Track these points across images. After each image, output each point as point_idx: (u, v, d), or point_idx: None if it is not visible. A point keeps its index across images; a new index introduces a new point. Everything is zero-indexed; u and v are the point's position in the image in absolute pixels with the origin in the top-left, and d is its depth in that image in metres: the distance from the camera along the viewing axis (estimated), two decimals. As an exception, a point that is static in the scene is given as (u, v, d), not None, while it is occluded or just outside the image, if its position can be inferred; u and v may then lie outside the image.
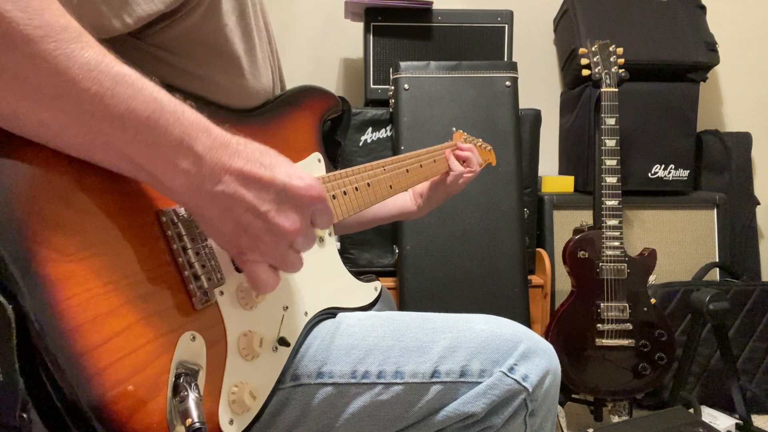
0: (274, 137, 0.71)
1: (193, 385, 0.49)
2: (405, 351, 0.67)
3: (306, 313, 0.68)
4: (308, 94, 0.79)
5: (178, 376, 0.49)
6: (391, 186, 0.90)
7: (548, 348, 0.70)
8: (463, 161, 1.05)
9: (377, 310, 0.90)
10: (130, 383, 0.45)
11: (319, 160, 0.79)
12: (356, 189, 0.81)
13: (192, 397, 0.47)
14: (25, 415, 0.40)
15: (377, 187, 0.86)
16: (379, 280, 0.85)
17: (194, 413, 0.46)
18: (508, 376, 0.65)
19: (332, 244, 0.77)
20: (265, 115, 0.71)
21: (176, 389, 0.48)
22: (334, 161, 0.86)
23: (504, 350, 0.67)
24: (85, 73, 0.42)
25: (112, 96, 0.43)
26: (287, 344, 0.63)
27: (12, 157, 0.42)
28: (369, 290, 0.81)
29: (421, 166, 0.98)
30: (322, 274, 0.73)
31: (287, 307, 0.65)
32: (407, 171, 0.94)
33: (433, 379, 0.66)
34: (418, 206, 1.06)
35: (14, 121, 0.42)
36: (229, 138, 0.49)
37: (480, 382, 0.65)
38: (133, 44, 0.60)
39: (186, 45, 0.62)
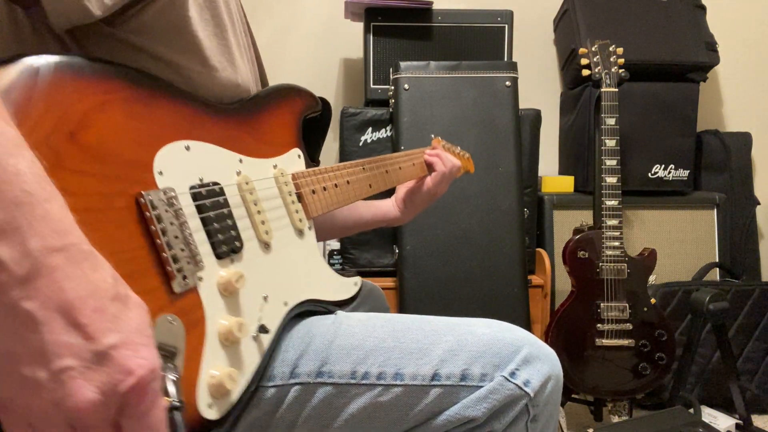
0: (252, 132, 0.71)
1: (170, 365, 0.49)
2: (406, 353, 0.67)
3: (286, 303, 0.68)
4: (288, 91, 0.80)
5: None
6: (370, 185, 0.91)
7: (550, 353, 0.69)
8: (429, 164, 1.08)
9: (365, 309, 0.90)
10: None
11: (299, 156, 0.79)
12: (336, 186, 0.82)
13: (171, 378, 0.47)
14: None
15: (357, 185, 0.87)
16: (359, 275, 0.85)
17: (173, 392, 0.46)
18: (510, 381, 0.64)
19: (312, 237, 0.77)
20: (244, 109, 0.71)
21: None
22: (314, 161, 0.86)
23: (505, 354, 0.66)
24: None
25: None
26: (267, 331, 0.63)
27: None
28: (349, 285, 0.81)
29: (400, 168, 1.00)
30: (302, 267, 0.73)
31: (267, 297, 0.65)
32: (386, 172, 0.96)
33: (434, 382, 0.65)
34: (401, 211, 1.08)
35: None
36: (88, 254, 0.38)
37: (481, 387, 0.65)
38: (109, 35, 0.61)
39: (159, 29, 0.62)
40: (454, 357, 0.66)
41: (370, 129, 1.85)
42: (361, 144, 1.85)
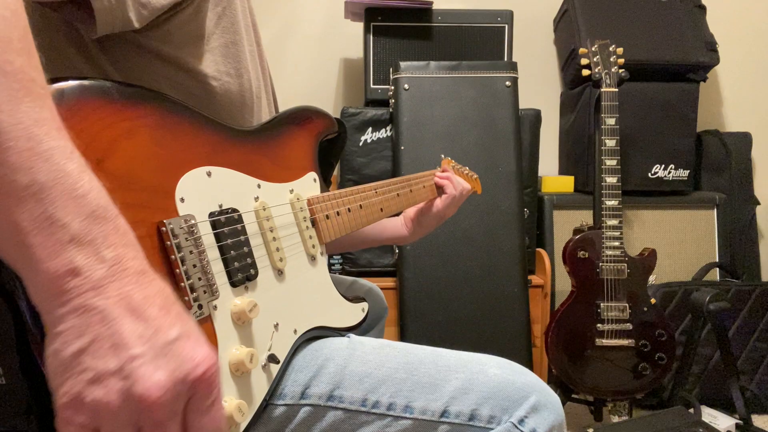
0: (271, 156, 0.72)
1: None
2: (417, 386, 0.67)
3: (295, 331, 0.69)
4: (306, 114, 0.80)
5: None
6: (381, 209, 0.92)
7: (556, 401, 0.70)
8: (439, 187, 1.09)
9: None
10: None
11: (315, 180, 0.79)
12: (349, 210, 0.83)
13: None
14: (31, 416, 0.40)
15: (369, 209, 0.88)
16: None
17: None
18: (518, 428, 0.65)
19: (323, 262, 0.77)
20: (263, 134, 0.72)
21: None
22: (326, 182, 0.87)
23: (515, 399, 0.66)
24: (26, 126, 0.37)
25: (46, 160, 0.38)
26: (277, 361, 0.63)
27: None
28: (356, 311, 0.81)
29: (411, 191, 1.01)
30: (313, 293, 0.74)
31: (278, 324, 0.65)
32: (398, 195, 0.97)
33: (442, 419, 0.65)
34: (410, 231, 1.09)
35: None
36: (148, 269, 0.41)
37: (489, 429, 0.65)
38: (131, 40, 0.61)
39: (181, 36, 0.63)
40: (464, 395, 0.66)
41: (370, 129, 1.85)
42: (361, 144, 1.85)
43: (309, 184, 0.78)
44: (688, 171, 1.98)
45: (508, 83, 1.79)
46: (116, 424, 0.37)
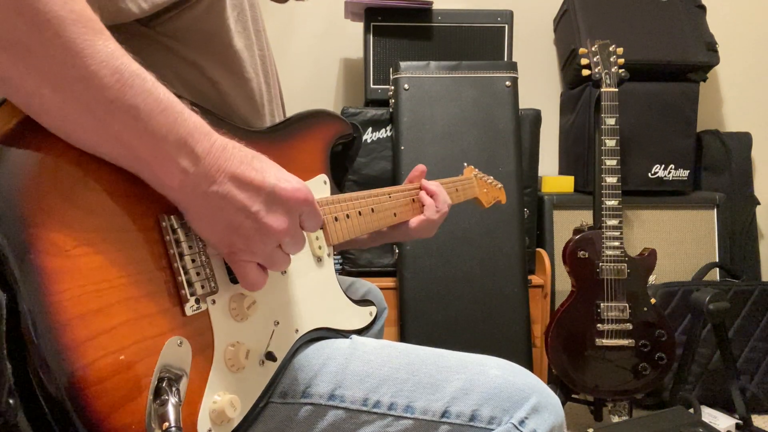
0: (282, 156, 0.71)
1: (174, 389, 0.49)
2: (418, 386, 0.67)
3: (297, 331, 0.68)
4: (320, 117, 0.80)
5: (161, 380, 0.49)
6: (395, 214, 0.91)
7: (556, 402, 0.70)
8: (431, 195, 1.00)
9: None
10: (113, 381, 0.45)
11: (325, 182, 0.79)
12: (359, 214, 0.82)
13: (172, 402, 0.47)
14: (11, 401, 0.40)
15: (381, 213, 0.87)
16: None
17: (171, 417, 0.46)
18: (518, 429, 0.65)
19: (330, 266, 0.77)
20: (274, 135, 0.72)
21: (157, 392, 0.48)
22: (340, 186, 0.86)
23: (516, 400, 0.66)
24: (108, 63, 0.45)
25: (131, 87, 0.46)
26: (274, 359, 0.63)
27: (23, 150, 0.43)
28: (364, 314, 0.81)
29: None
30: (317, 294, 0.73)
31: (278, 323, 0.65)
32: (413, 200, 0.96)
33: (443, 419, 0.66)
34: (369, 236, 1.04)
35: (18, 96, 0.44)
36: (226, 142, 0.53)
37: (489, 429, 0.65)
38: (142, 33, 0.61)
39: (193, 35, 0.63)
40: (465, 396, 0.66)
41: (370, 129, 1.85)
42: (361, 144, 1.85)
43: (319, 186, 0.78)
44: (688, 171, 1.98)
45: (508, 83, 1.79)
46: (267, 251, 0.55)
